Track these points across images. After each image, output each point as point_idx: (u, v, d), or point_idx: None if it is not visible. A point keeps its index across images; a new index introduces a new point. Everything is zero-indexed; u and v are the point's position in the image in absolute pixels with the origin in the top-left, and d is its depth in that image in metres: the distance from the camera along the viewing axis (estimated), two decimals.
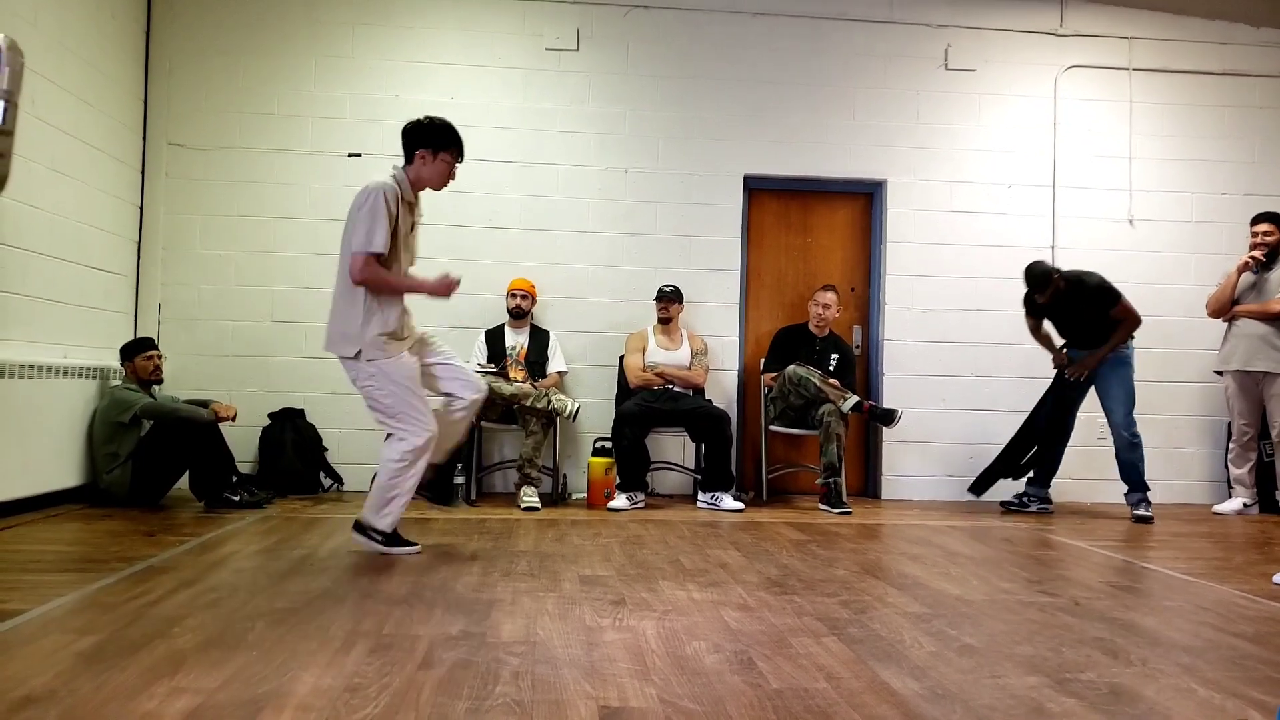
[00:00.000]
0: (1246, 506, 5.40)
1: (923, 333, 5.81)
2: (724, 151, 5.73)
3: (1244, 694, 2.06)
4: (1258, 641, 2.52)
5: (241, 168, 5.47)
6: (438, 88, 5.59)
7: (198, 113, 5.45)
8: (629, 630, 2.46)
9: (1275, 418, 5.20)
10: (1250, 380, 5.25)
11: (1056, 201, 5.88)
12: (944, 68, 5.85)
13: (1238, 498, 5.44)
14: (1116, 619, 2.73)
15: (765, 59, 5.76)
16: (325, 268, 5.47)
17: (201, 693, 1.88)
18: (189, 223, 5.43)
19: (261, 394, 5.40)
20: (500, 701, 1.88)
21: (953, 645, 2.40)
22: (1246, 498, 5.41)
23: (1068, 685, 2.08)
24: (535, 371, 5.25)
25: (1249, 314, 5.25)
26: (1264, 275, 5.25)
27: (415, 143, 3.49)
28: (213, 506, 4.48)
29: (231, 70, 5.48)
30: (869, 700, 1.95)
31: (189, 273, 5.42)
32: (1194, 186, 5.90)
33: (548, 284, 5.56)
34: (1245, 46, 6.02)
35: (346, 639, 2.30)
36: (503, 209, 5.61)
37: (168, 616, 2.47)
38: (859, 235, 5.98)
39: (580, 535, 4.03)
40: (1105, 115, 5.94)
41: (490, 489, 5.52)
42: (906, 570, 3.42)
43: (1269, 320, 5.18)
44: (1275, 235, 5.25)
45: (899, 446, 5.75)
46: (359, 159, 5.52)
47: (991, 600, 2.95)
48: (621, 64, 5.69)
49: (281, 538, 3.76)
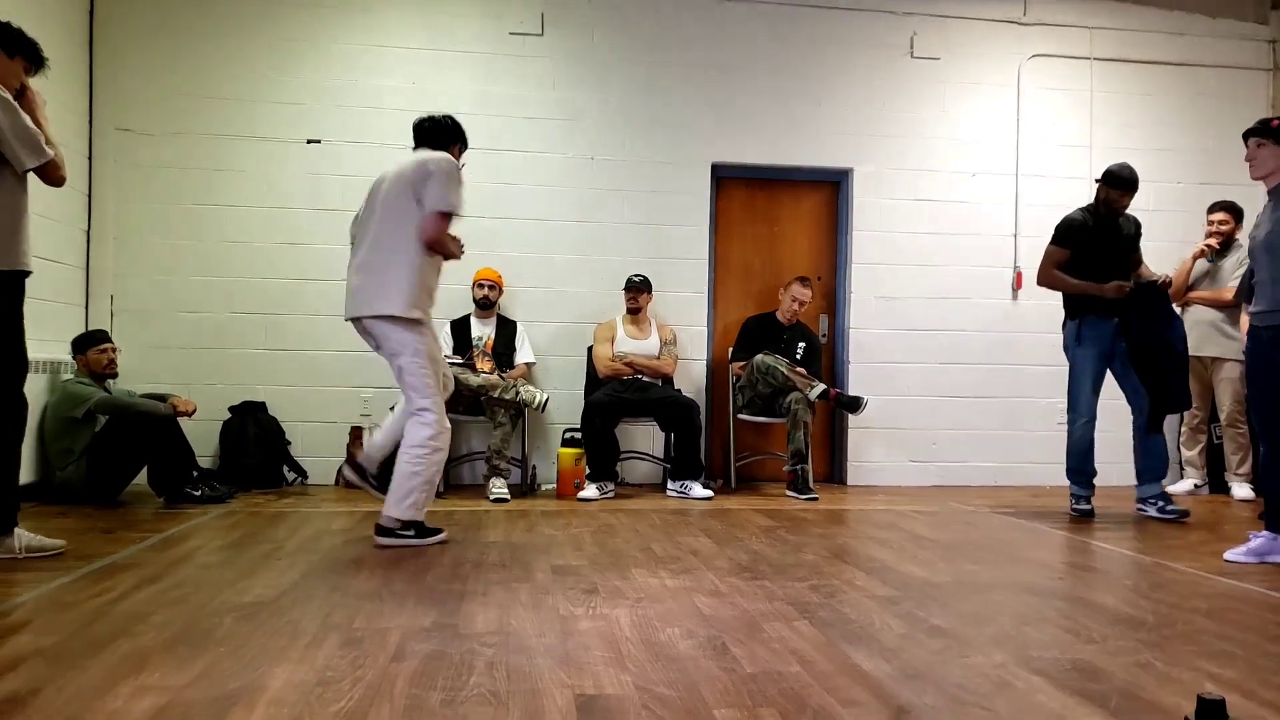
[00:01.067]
0: (1197, 487, 5.55)
1: (888, 321, 5.86)
2: (691, 139, 5.72)
3: (1200, 667, 2.11)
4: (1211, 616, 2.58)
5: (195, 154, 5.34)
6: (398, 72, 5.51)
7: (146, 96, 5.30)
8: (603, 619, 2.46)
9: (1224, 401, 5.33)
10: (1200, 365, 5.36)
11: (1020, 189, 5.95)
12: (909, 56, 5.89)
13: (1189, 479, 5.58)
14: (1078, 598, 2.78)
15: (732, 46, 5.76)
16: (286, 257, 5.40)
17: (169, 690, 1.85)
18: (141, 211, 5.30)
19: (221, 387, 5.30)
20: (475, 692, 1.87)
21: (921, 627, 2.43)
22: (1197, 479, 5.56)
23: (1033, 663, 2.12)
24: (503, 362, 5.21)
25: (1203, 300, 5.38)
26: (1218, 263, 5.37)
27: (454, 138, 3.71)
28: (173, 502, 4.40)
29: (181, 52, 5.34)
30: (842, 682, 1.96)
31: (142, 263, 5.30)
32: (1152, 175, 6.00)
33: (514, 273, 5.52)
34: (1201, 38, 6.13)
35: (317, 633, 2.27)
36: (468, 196, 5.53)
37: (131, 614, 2.42)
38: (825, 224, 6.01)
39: (551, 525, 4.01)
40: (1067, 104, 6.02)
41: (458, 481, 5.48)
42: (874, 554, 3.45)
43: (1221, 307, 5.31)
44: (1230, 224, 5.37)
45: (865, 433, 5.81)
46: (318, 145, 5.43)
47: (957, 582, 2.99)
48: (587, 50, 5.65)
49: (246, 532, 3.70)
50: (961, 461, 5.79)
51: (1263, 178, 3.43)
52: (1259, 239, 3.42)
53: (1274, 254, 3.33)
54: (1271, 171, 3.40)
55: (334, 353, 5.41)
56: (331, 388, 5.41)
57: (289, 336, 5.39)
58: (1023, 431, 5.88)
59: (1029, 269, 5.82)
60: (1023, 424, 5.89)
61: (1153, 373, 4.38)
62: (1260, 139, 3.40)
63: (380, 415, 5.35)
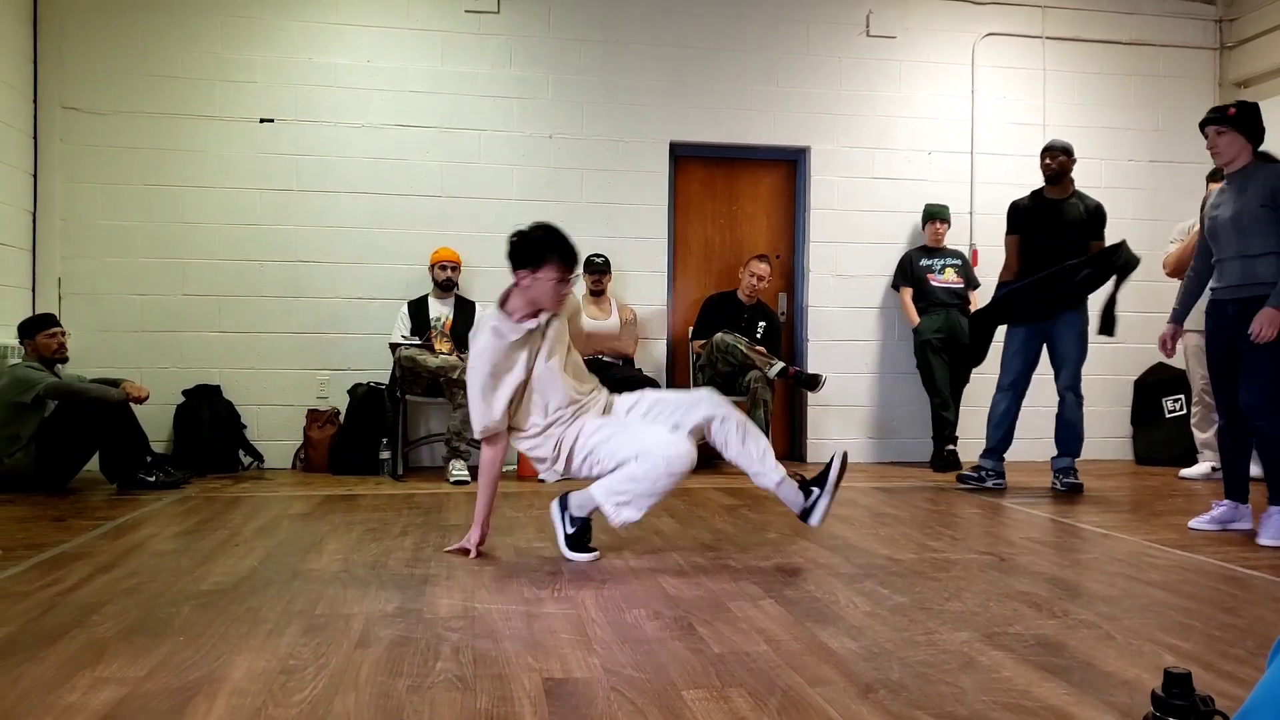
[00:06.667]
0: (1215, 470, 4.97)
1: (845, 299, 5.90)
2: (649, 118, 5.68)
3: (1159, 639, 2.16)
4: (1167, 589, 2.65)
5: (145, 133, 5.19)
6: (353, 50, 5.39)
7: (94, 74, 5.13)
8: (568, 601, 2.45)
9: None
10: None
11: (975, 168, 6.01)
12: (865, 34, 5.90)
13: (1205, 461, 5.17)
14: (1039, 573, 2.84)
15: (689, 24, 5.71)
16: (239, 237, 5.28)
17: (127, 682, 1.80)
18: (89, 192, 5.14)
19: (174, 370, 5.18)
20: (442, 678, 1.85)
21: (885, 604, 2.46)
22: (1215, 461, 4.96)
23: (997, 639, 2.16)
24: (461, 343, 5.15)
25: None
26: None
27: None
28: (126, 488, 4.31)
29: (130, 29, 5.17)
30: (809, 661, 1.98)
31: (91, 245, 5.14)
32: (1104, 154, 6.10)
33: (472, 253, 5.45)
34: (1152, 17, 6.21)
35: (278, 621, 2.23)
36: (422, 176, 5.46)
37: (85, 604, 2.36)
38: (784, 203, 6.02)
39: (512, 507, 3.99)
40: (1020, 83, 6.08)
41: (417, 463, 5.43)
42: (836, 532, 3.49)
43: None
44: None
45: (823, 411, 5.86)
46: (271, 124, 5.30)
47: (919, 558, 3.03)
48: (543, 27, 5.57)
49: (203, 518, 3.63)
50: (919, 438, 5.87)
51: (1228, 163, 3.50)
52: (1223, 218, 3.50)
53: (1242, 232, 3.43)
54: (1235, 157, 3.47)
55: (289, 334, 5.31)
56: (287, 370, 5.32)
57: (243, 319, 5.28)
58: (980, 408, 5.95)
59: (984, 247, 5.90)
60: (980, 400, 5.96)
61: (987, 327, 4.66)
62: (1220, 127, 3.47)
63: (336, 398, 5.27)
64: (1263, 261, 3.39)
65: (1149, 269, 6.11)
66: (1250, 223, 3.40)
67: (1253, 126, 3.45)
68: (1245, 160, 3.47)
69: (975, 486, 4.64)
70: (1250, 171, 3.46)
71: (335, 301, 5.38)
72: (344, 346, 5.37)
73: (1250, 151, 3.47)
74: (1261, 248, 3.39)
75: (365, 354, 5.34)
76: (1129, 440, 6.12)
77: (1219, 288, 3.58)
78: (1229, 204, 3.50)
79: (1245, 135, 3.45)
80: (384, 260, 5.42)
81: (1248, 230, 3.41)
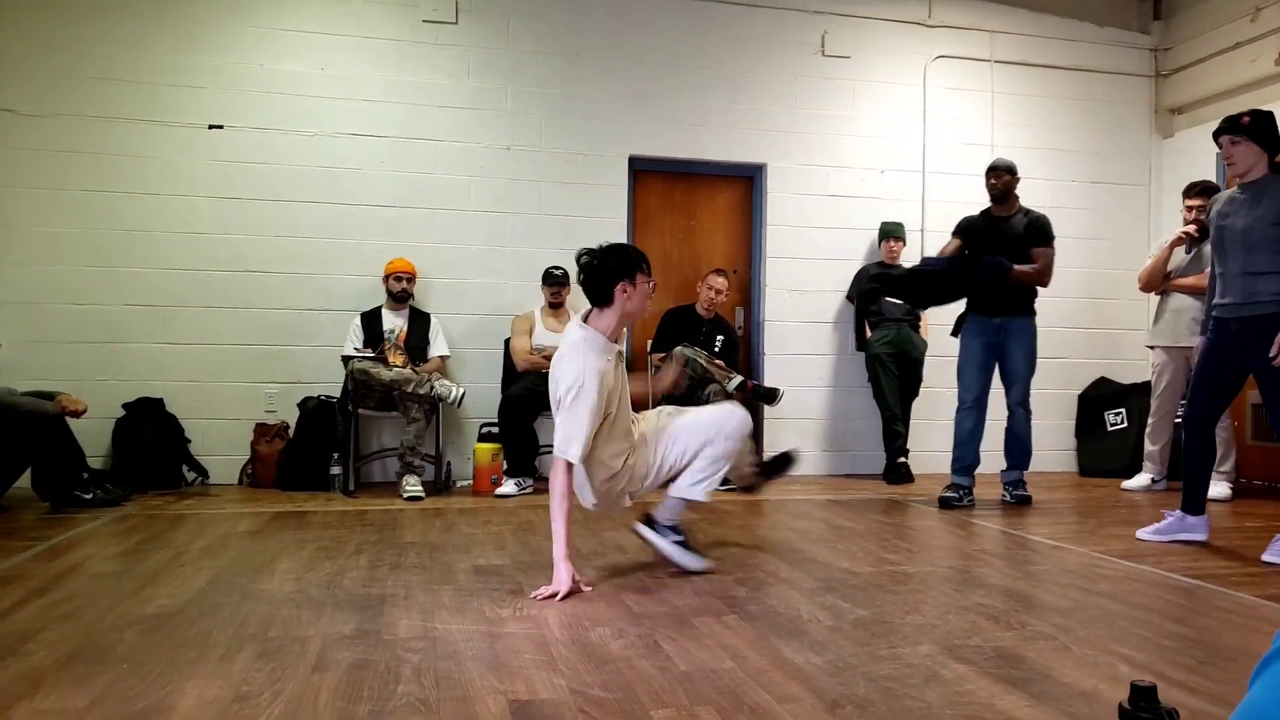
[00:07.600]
0: (1154, 482, 5.22)
1: (801, 313, 5.95)
2: (609, 132, 5.68)
3: (1113, 650, 2.20)
4: (1118, 600, 2.70)
5: (85, 138, 5.03)
6: (307, 58, 5.29)
7: (31, 76, 4.96)
8: (530, 620, 2.41)
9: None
10: (1180, 355, 5.02)
11: (926, 186, 6.12)
12: (820, 54, 5.98)
13: (1146, 473, 5.28)
14: (994, 585, 2.88)
15: (648, 39, 5.73)
16: (185, 246, 5.14)
17: (68, 714, 1.72)
18: (25, 197, 4.96)
19: (114, 383, 5.01)
20: (404, 701, 1.80)
21: (847, 618, 2.46)
22: (1154, 473, 5.23)
23: (957, 651, 2.17)
24: (416, 356, 5.08)
25: (1184, 288, 5.01)
26: (1199, 249, 4.96)
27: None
28: (61, 506, 4.14)
29: (69, 30, 5.01)
30: (776, 678, 1.97)
31: (26, 252, 4.96)
32: (1049, 174, 6.25)
33: (427, 264, 5.38)
34: (1091, 44, 6.41)
35: (230, 644, 2.16)
36: (377, 186, 5.38)
37: (18, 631, 2.25)
38: (741, 218, 6.05)
39: (469, 524, 3.93)
40: (970, 104, 6.21)
41: (369, 479, 5.32)
42: (796, 545, 3.50)
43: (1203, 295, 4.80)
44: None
45: (780, 424, 5.88)
46: (220, 131, 5.18)
47: (878, 571, 3.05)
48: (502, 39, 5.55)
49: (144, 537, 3.51)
50: (873, 451, 5.92)
51: (1243, 174, 3.43)
52: (1232, 229, 3.43)
53: (1251, 248, 3.37)
54: (1251, 166, 3.40)
55: (236, 346, 5.18)
56: (234, 383, 5.18)
57: (188, 330, 5.13)
58: (933, 420, 6.04)
59: None
60: (933, 413, 6.05)
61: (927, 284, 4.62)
62: (1234, 136, 3.40)
63: (285, 412, 5.15)
64: (1266, 280, 3.32)
65: (1090, 287, 6.31)
66: (1260, 240, 3.34)
67: (1268, 135, 3.37)
68: (1262, 171, 3.38)
69: (956, 505, 4.59)
70: (1266, 183, 3.37)
71: (285, 313, 5.26)
72: (294, 359, 5.26)
73: (1267, 162, 3.37)
74: (1267, 265, 3.32)
75: (316, 367, 5.23)
76: (1073, 453, 6.26)
77: (1221, 304, 3.48)
78: (1240, 215, 3.41)
79: (1261, 144, 3.36)
80: (336, 271, 5.32)
81: (1256, 246, 3.35)
